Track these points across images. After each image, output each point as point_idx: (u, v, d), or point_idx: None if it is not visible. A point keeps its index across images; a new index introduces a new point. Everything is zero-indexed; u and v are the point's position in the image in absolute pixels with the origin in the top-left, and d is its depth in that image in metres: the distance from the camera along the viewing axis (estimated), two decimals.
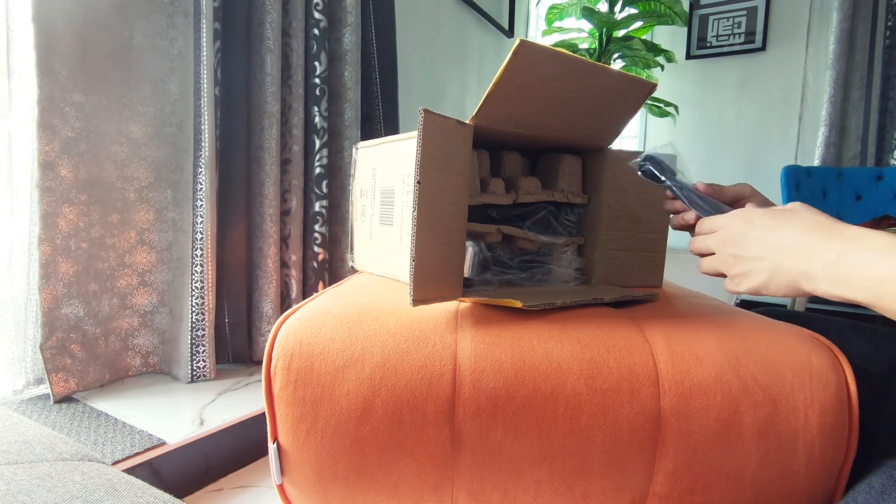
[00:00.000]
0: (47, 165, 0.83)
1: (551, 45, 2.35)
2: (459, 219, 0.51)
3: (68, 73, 0.85)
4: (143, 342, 1.00)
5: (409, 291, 0.45)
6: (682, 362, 0.42)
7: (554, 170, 0.66)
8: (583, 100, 0.56)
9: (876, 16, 2.23)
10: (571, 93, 0.54)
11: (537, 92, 0.52)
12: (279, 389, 0.44)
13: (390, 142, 0.62)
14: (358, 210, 0.71)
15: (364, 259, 0.70)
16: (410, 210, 0.56)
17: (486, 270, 0.59)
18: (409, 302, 0.45)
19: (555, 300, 0.50)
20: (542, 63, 0.49)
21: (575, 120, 0.59)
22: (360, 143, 0.71)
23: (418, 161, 0.44)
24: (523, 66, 0.47)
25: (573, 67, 0.51)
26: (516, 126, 0.56)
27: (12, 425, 0.38)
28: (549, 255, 0.66)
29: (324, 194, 1.21)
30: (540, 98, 0.53)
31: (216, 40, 0.99)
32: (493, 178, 0.60)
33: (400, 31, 1.53)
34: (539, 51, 0.47)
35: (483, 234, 0.59)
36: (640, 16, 2.13)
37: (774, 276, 0.38)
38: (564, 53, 0.49)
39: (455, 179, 0.49)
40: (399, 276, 0.61)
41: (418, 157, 0.44)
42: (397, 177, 0.60)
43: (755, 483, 0.41)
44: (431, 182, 0.46)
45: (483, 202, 0.58)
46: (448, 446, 0.42)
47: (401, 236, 0.60)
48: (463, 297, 0.52)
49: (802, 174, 2.00)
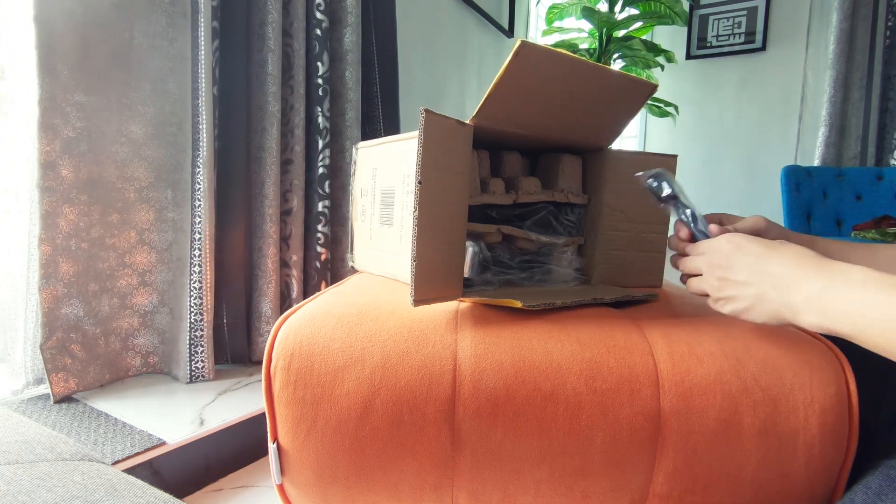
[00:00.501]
0: (48, 165, 0.83)
1: (551, 45, 2.35)
2: (460, 219, 0.51)
3: (69, 73, 0.85)
4: (143, 342, 1.00)
5: (410, 292, 0.45)
6: (682, 362, 0.42)
7: (554, 169, 0.66)
8: (583, 100, 0.56)
9: (876, 16, 2.23)
10: (572, 93, 0.54)
11: (538, 92, 0.52)
12: (279, 389, 0.44)
13: (390, 142, 0.62)
14: (358, 210, 0.71)
15: (364, 259, 0.70)
16: (410, 210, 0.56)
17: (486, 270, 0.59)
18: (410, 302, 0.45)
19: (555, 300, 0.50)
20: (542, 63, 0.49)
21: (575, 120, 0.59)
22: (361, 143, 0.71)
23: (419, 161, 0.44)
24: (524, 66, 0.47)
25: (574, 68, 0.51)
26: (516, 126, 0.56)
27: (12, 425, 0.38)
28: (549, 254, 0.66)
29: (326, 194, 1.21)
30: (540, 98, 0.53)
31: (214, 39, 0.99)
32: (493, 178, 0.60)
33: (400, 31, 1.53)
34: (540, 52, 0.47)
35: (483, 234, 0.59)
36: (641, 16, 2.13)
37: (758, 303, 0.40)
38: (565, 54, 0.49)
39: (455, 179, 0.49)
40: (399, 276, 0.61)
41: (419, 158, 0.44)
42: (397, 177, 0.60)
43: (755, 483, 0.41)
44: (432, 182, 0.46)
45: (483, 202, 0.58)
46: (448, 446, 0.42)
47: (401, 236, 0.60)
48: (463, 298, 0.52)
49: (802, 174, 2.00)
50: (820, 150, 2.31)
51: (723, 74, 2.78)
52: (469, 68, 2.15)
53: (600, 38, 2.20)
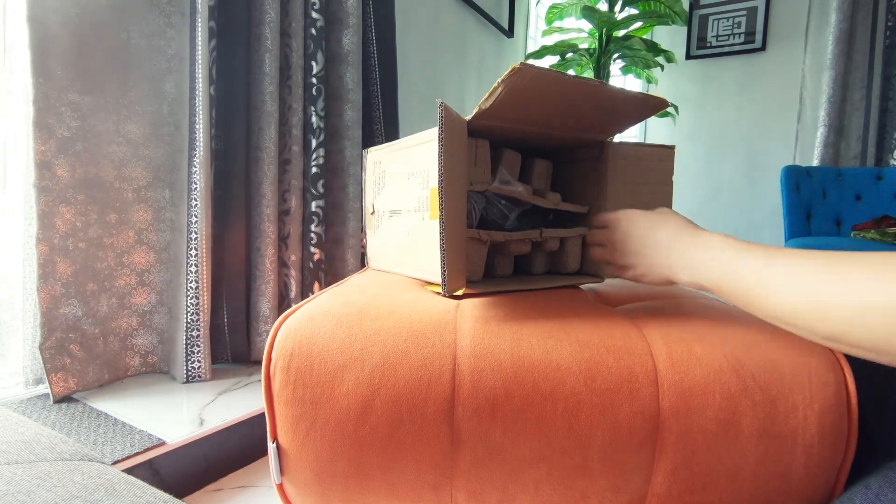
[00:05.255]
0: (43, 165, 0.83)
1: (551, 45, 2.33)
2: (463, 209, 0.53)
3: (64, 73, 0.85)
4: (141, 342, 1.00)
5: (442, 282, 0.46)
6: (681, 362, 0.42)
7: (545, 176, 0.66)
8: (584, 110, 0.56)
9: (875, 16, 2.23)
10: (572, 105, 0.55)
11: (533, 103, 0.53)
12: (279, 389, 0.44)
13: (400, 145, 0.64)
14: (368, 207, 0.72)
15: (377, 256, 0.71)
16: (420, 207, 0.57)
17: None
18: (443, 293, 0.47)
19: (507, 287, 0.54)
20: (539, 81, 0.49)
21: (575, 122, 0.59)
22: (371, 147, 0.72)
23: (441, 155, 0.45)
24: (519, 84, 0.47)
25: (578, 86, 0.51)
26: (514, 123, 0.56)
27: (12, 425, 0.38)
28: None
29: (320, 194, 1.21)
30: (536, 108, 0.54)
31: (212, 39, 0.98)
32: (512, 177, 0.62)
33: (400, 32, 1.53)
34: (537, 74, 0.47)
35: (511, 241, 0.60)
36: (640, 16, 2.13)
37: (649, 270, 0.48)
38: (565, 77, 0.49)
39: (460, 172, 0.51)
40: (411, 272, 0.62)
41: (441, 151, 0.45)
42: (407, 174, 0.61)
43: (754, 483, 0.41)
44: (452, 176, 0.47)
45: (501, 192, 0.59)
46: (447, 446, 0.42)
47: (409, 231, 0.60)
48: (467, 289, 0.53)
49: (802, 174, 2.00)
50: (819, 150, 2.31)
51: (722, 74, 2.78)
52: (469, 68, 2.15)
53: (600, 37, 2.20)
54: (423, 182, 0.57)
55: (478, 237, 0.56)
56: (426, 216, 0.56)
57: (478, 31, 2.20)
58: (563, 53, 2.29)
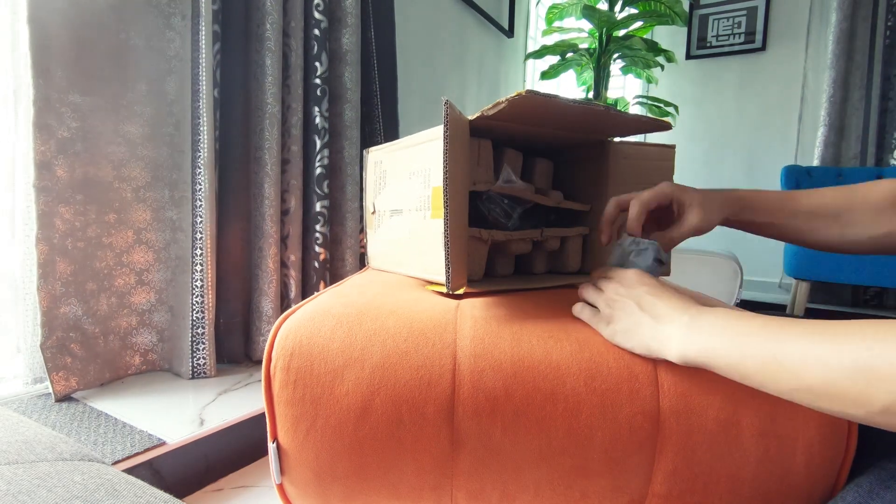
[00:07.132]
0: (43, 165, 0.83)
1: (551, 45, 2.33)
2: (465, 208, 0.53)
3: (64, 74, 0.85)
4: (142, 340, 1.00)
5: (447, 279, 0.46)
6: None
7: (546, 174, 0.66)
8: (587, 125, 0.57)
9: (876, 16, 2.23)
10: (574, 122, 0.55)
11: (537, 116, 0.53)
12: (279, 389, 0.44)
13: (401, 145, 0.63)
14: (369, 207, 0.72)
15: (378, 255, 0.71)
16: (421, 206, 0.57)
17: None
18: (447, 290, 0.47)
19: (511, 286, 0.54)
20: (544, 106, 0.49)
21: (576, 130, 0.59)
22: (372, 147, 0.72)
23: (447, 154, 0.45)
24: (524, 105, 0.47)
25: (584, 112, 0.51)
26: (515, 123, 0.56)
27: (12, 425, 0.38)
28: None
29: (325, 194, 1.21)
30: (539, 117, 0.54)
31: (215, 42, 0.98)
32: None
33: (400, 32, 1.53)
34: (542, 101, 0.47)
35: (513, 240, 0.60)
36: (641, 15, 2.13)
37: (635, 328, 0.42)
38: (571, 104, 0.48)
39: (463, 171, 0.52)
40: (412, 271, 0.62)
41: (446, 150, 0.45)
42: (409, 174, 0.61)
43: (754, 483, 0.41)
44: (455, 174, 0.47)
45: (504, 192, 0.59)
46: (447, 446, 0.42)
47: (410, 230, 0.60)
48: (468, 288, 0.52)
49: (802, 174, 2.00)
50: (819, 149, 2.31)
51: (723, 74, 2.78)
52: (469, 68, 2.15)
53: (600, 37, 2.20)
54: (425, 181, 0.57)
55: (479, 236, 0.56)
56: (428, 215, 0.56)
57: (478, 30, 2.20)
58: (564, 53, 2.29)
